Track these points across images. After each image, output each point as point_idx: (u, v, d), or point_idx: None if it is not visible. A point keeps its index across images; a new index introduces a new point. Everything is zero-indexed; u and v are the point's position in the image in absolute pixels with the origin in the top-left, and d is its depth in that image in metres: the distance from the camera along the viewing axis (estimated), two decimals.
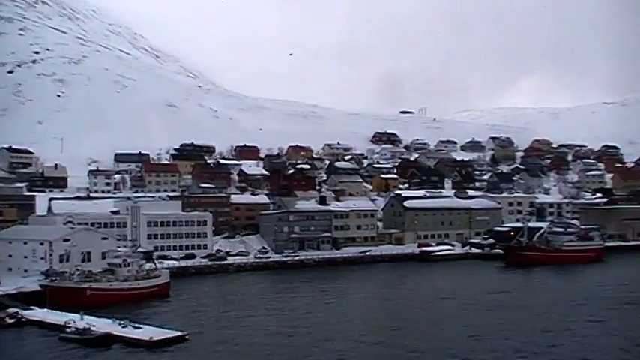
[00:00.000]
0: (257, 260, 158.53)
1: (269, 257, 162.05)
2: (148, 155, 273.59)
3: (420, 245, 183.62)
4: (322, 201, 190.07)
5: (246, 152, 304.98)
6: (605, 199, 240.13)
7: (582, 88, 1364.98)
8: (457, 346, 72.99)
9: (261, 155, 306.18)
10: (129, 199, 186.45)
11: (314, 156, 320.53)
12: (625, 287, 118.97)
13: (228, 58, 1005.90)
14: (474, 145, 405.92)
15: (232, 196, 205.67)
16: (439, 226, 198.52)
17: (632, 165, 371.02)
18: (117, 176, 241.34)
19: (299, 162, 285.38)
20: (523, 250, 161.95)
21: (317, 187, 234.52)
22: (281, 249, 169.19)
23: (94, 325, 79.77)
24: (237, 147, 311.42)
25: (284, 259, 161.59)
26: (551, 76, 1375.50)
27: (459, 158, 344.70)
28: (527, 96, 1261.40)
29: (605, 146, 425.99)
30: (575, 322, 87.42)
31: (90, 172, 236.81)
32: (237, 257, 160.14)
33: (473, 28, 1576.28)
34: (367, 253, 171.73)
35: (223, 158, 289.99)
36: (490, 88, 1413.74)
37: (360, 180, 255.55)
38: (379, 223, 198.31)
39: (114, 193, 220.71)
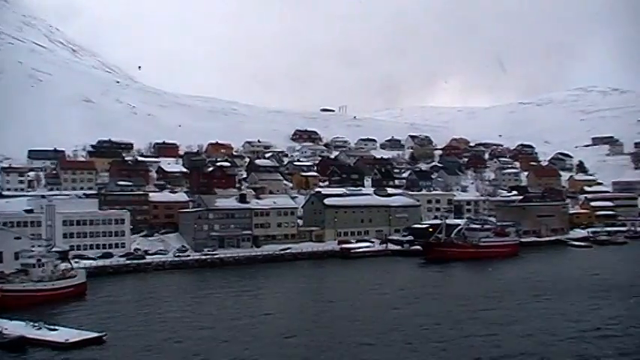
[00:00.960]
0: (176, 259, 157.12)
1: (188, 256, 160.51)
2: (63, 152, 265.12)
3: (340, 242, 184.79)
4: (242, 199, 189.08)
5: (166, 149, 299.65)
6: (521, 197, 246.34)
7: (500, 88, 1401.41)
8: (374, 340, 73.85)
9: (181, 152, 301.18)
10: (43, 197, 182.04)
11: (234, 153, 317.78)
12: (537, 280, 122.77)
13: (149, 53, 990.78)
14: (393, 144, 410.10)
15: (151, 194, 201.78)
16: (359, 223, 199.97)
17: (547, 163, 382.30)
18: (31, 173, 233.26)
19: (219, 159, 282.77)
20: (441, 246, 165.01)
21: (237, 185, 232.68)
22: (201, 247, 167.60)
23: (6, 329, 76.74)
24: (156, 144, 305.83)
25: (204, 257, 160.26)
26: (472, 77, 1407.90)
27: (378, 156, 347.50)
28: (448, 96, 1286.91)
29: (521, 145, 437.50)
30: (489, 312, 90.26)
31: (2, 169, 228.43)
32: (156, 256, 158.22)
33: (397, 29, 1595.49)
34: (287, 251, 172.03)
35: (142, 155, 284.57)
36: (411, 88, 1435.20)
37: (281, 178, 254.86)
38: (299, 221, 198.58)
39: (28, 191, 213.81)
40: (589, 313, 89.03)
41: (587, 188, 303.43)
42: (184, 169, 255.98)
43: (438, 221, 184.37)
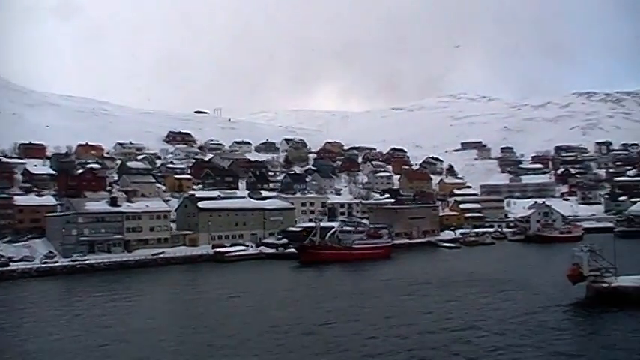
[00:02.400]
0: (43, 265, 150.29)
1: (56, 262, 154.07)
2: None
3: (214, 246, 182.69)
4: (113, 202, 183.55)
5: (32, 150, 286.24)
6: (393, 200, 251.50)
7: (373, 94, 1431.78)
8: (241, 342, 73.53)
9: (48, 154, 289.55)
10: None
11: (105, 155, 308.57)
12: (409, 279, 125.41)
13: (17, 50, 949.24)
14: (268, 147, 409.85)
15: (16, 198, 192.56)
16: (233, 226, 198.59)
17: (418, 167, 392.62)
18: None
19: (89, 161, 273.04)
20: (316, 248, 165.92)
21: (108, 188, 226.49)
22: (69, 253, 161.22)
23: None
24: (21, 144, 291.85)
25: (73, 263, 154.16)
26: (347, 82, 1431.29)
27: (253, 159, 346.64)
28: (323, 100, 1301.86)
29: (393, 149, 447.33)
30: (363, 311, 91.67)
31: None
32: (22, 263, 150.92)
33: (273, 31, 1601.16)
34: (160, 256, 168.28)
35: (5, 156, 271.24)
36: (286, 91, 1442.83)
37: (153, 180, 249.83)
38: (173, 225, 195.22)
39: None
40: (457, 309, 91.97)
41: (456, 191, 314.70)
42: (52, 172, 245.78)
43: (312, 224, 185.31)
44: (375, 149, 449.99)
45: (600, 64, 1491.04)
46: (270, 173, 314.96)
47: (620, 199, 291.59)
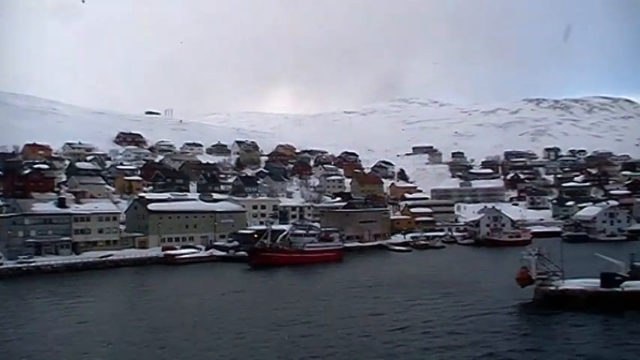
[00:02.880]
0: None
1: (1, 264, 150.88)
2: None
3: (164, 249, 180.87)
4: (61, 203, 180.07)
5: None
6: (345, 203, 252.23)
7: (327, 97, 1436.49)
8: (198, 344, 72.76)
9: None
10: None
11: (53, 155, 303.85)
12: (358, 283, 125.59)
13: None
14: (219, 149, 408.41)
15: None
16: (184, 229, 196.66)
17: (370, 171, 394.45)
18: None
19: (36, 161, 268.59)
20: (267, 251, 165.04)
21: (56, 189, 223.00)
22: (15, 255, 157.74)
23: None
24: None
25: (18, 265, 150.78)
26: (301, 86, 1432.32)
27: (204, 161, 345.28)
28: (277, 103, 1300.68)
29: (345, 152, 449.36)
30: (312, 314, 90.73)
31: None
32: None
33: (227, 33, 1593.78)
34: (109, 258, 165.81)
35: None
36: (239, 93, 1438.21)
37: (103, 182, 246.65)
38: (122, 227, 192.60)
39: None
40: (405, 310, 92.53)
41: (407, 195, 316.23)
42: None
43: (263, 227, 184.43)
44: (327, 152, 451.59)
45: (550, 71, 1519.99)
46: (221, 175, 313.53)
47: (568, 204, 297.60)
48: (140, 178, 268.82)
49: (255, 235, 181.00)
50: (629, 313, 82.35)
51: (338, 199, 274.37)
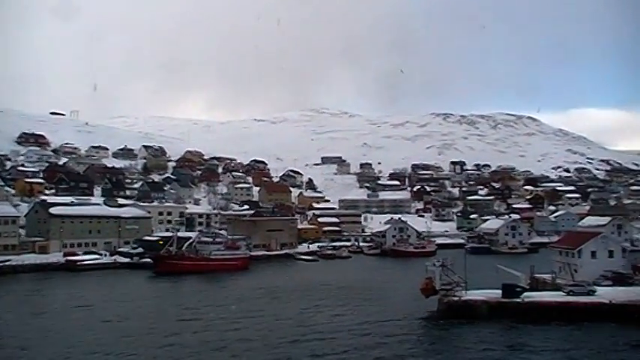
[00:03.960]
0: None
1: None
2: None
3: (65, 254, 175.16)
4: None
5: None
6: (252, 211, 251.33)
7: (238, 105, 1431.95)
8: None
9: None
10: None
11: None
12: (262, 291, 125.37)
13: None
14: (126, 153, 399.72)
15: None
16: (87, 234, 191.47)
17: (278, 180, 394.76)
18: None
19: None
20: (172, 259, 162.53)
21: None
22: None
23: None
24: None
25: None
26: (212, 92, 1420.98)
27: (110, 165, 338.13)
28: (188, 108, 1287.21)
29: (254, 160, 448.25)
30: (213, 322, 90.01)
31: None
32: None
33: (140, 37, 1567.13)
34: (7, 264, 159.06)
35: None
36: (150, 98, 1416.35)
37: (2, 183, 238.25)
38: (22, 231, 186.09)
39: None
40: (309, 319, 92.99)
41: (315, 205, 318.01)
42: None
43: (169, 234, 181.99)
44: (235, 160, 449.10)
45: (457, 88, 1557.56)
46: (127, 180, 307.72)
47: (472, 216, 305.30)
48: (42, 181, 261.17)
49: (161, 242, 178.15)
50: (529, 323, 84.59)
51: (246, 207, 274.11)
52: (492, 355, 70.59)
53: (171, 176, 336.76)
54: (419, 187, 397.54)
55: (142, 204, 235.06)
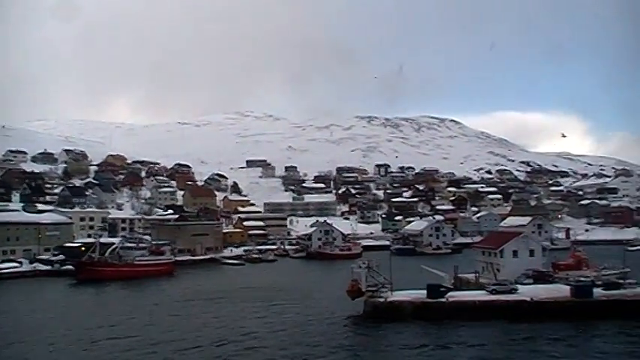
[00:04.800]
0: None
1: None
2: None
3: None
4: None
5: None
6: (176, 216, 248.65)
7: (163, 108, 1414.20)
8: None
9: None
10: None
11: None
12: (186, 296, 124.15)
13: None
14: (46, 157, 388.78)
15: None
16: (5, 241, 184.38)
17: (203, 183, 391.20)
18: None
19: None
20: (95, 265, 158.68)
21: None
22: None
23: None
24: None
25: None
26: (136, 95, 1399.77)
27: (29, 169, 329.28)
28: (111, 112, 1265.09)
29: (178, 164, 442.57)
30: (131, 328, 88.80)
31: None
32: None
33: (64, 40, 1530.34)
34: None
35: None
36: (71, 100, 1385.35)
37: None
38: None
39: None
40: (233, 322, 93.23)
41: (240, 208, 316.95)
42: None
43: (91, 240, 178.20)
44: (159, 164, 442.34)
45: (382, 91, 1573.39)
46: (47, 185, 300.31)
47: (397, 218, 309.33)
48: None
49: (83, 249, 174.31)
50: (453, 322, 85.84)
51: (170, 211, 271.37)
52: (416, 354, 71.43)
53: (93, 181, 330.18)
54: (344, 189, 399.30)
55: (62, 209, 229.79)
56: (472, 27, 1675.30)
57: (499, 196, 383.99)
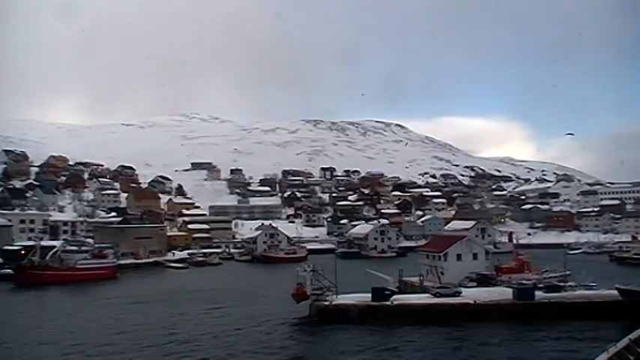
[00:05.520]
0: None
1: None
2: None
3: None
4: None
5: None
6: (120, 218, 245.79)
7: (108, 109, 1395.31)
8: None
9: None
10: None
11: None
12: (129, 299, 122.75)
13: None
14: None
15: None
16: None
17: (147, 186, 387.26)
18: None
19: None
20: (35, 269, 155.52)
21: None
22: None
23: None
24: None
25: None
26: (83, 95, 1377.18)
27: None
28: (56, 112, 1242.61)
29: (122, 166, 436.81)
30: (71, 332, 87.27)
31: None
32: None
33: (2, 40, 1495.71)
34: None
35: None
36: (8, 99, 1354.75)
37: None
38: None
39: None
40: (175, 325, 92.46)
41: (185, 211, 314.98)
42: None
43: (32, 243, 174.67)
44: (102, 165, 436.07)
45: (328, 95, 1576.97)
46: None
47: (342, 222, 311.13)
48: None
49: (23, 252, 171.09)
50: (398, 325, 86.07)
51: (113, 214, 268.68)
52: (360, 357, 71.49)
53: (34, 182, 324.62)
54: (289, 193, 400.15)
55: (1, 212, 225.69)
56: (416, 31, 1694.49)
57: (443, 201, 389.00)
